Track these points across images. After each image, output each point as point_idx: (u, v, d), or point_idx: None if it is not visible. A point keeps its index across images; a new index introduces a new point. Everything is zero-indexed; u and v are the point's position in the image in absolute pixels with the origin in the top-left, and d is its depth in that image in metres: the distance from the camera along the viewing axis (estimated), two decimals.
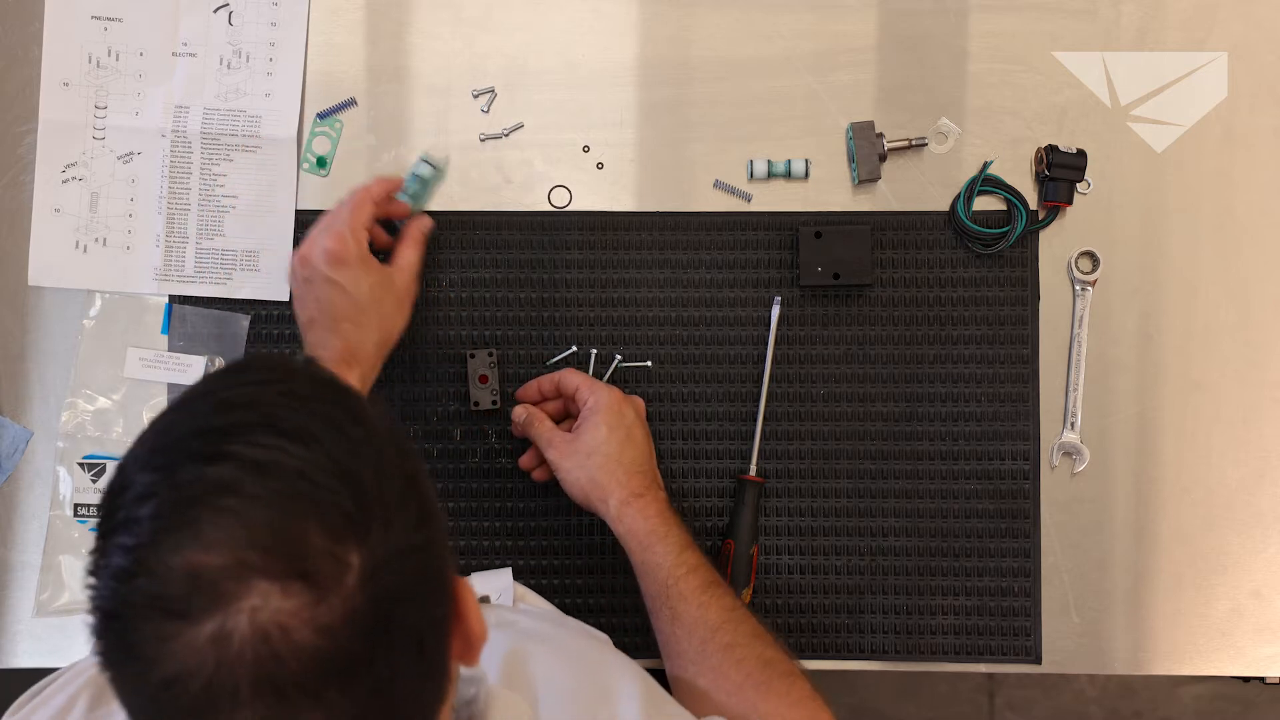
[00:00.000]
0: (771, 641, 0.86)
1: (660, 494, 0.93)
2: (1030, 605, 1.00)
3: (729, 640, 0.85)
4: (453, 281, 1.01)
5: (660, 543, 0.89)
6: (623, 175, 1.02)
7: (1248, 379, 1.00)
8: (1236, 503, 1.00)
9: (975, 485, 1.00)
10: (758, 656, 0.84)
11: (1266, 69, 1.01)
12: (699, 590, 0.87)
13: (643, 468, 0.93)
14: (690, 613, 0.87)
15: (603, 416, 0.94)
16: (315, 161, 1.01)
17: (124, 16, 1.02)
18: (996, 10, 1.02)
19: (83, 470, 1.01)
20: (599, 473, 0.93)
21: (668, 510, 0.92)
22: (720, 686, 0.84)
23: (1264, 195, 1.01)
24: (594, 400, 0.95)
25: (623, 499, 0.91)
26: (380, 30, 1.03)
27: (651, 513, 0.91)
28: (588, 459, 0.93)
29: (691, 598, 0.87)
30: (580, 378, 0.97)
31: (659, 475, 0.96)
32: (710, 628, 0.86)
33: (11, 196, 1.02)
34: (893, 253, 1.01)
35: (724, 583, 0.89)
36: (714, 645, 0.85)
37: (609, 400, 0.94)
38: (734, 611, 0.87)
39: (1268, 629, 1.00)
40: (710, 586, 0.88)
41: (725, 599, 0.88)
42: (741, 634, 0.85)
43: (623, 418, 0.94)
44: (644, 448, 0.95)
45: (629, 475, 0.92)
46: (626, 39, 1.02)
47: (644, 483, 0.93)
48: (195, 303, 1.01)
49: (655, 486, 0.93)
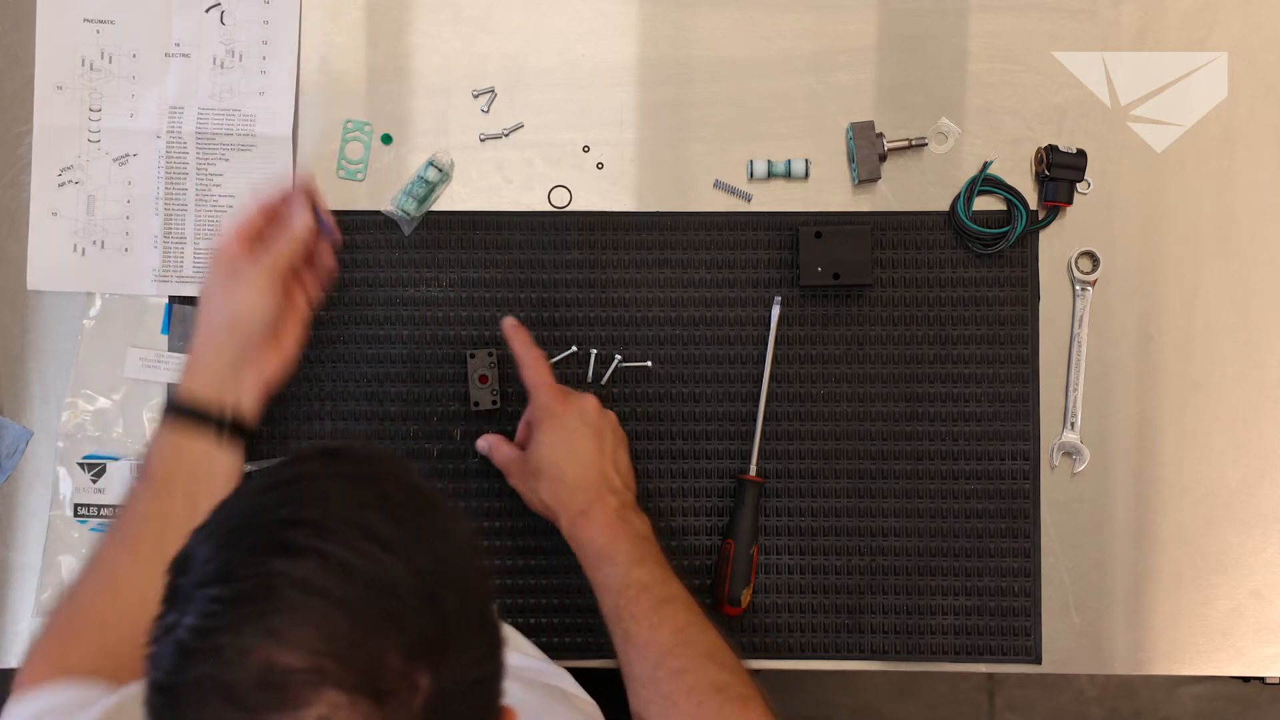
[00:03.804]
0: (728, 662, 0.82)
1: (608, 505, 0.88)
2: (1030, 605, 1.00)
3: (681, 665, 0.81)
4: (453, 281, 1.01)
5: (607, 562, 0.86)
6: (623, 175, 1.02)
7: (1248, 379, 1.00)
8: (1236, 503, 1.00)
9: (975, 485, 1.00)
10: (710, 683, 0.80)
11: (1266, 69, 1.01)
12: (650, 610, 0.83)
13: (588, 481, 0.89)
14: (642, 634, 0.83)
15: (542, 431, 0.91)
16: (350, 167, 1.01)
17: (116, 18, 1.02)
18: (996, 10, 1.02)
19: (83, 470, 1.00)
20: (545, 494, 0.90)
21: (616, 524, 0.87)
22: (672, 716, 0.80)
23: (1264, 195, 1.01)
24: (536, 410, 0.92)
25: (569, 518, 0.89)
26: (380, 30, 1.02)
27: (598, 531, 0.87)
28: (536, 481, 0.91)
29: (643, 618, 0.83)
30: (534, 376, 0.93)
31: (616, 479, 0.91)
32: (662, 650, 0.82)
33: (11, 196, 1.02)
34: (893, 253, 1.01)
35: (679, 598, 0.85)
36: (665, 670, 0.81)
37: (548, 409, 0.91)
38: (686, 631, 0.82)
39: (1268, 629, 1.00)
40: (662, 605, 0.84)
41: (678, 617, 0.83)
42: (694, 657, 0.81)
43: (562, 427, 0.90)
44: (589, 456, 0.90)
45: (573, 493, 0.89)
46: (626, 39, 1.02)
47: (589, 498, 0.88)
48: (195, 303, 1.01)
49: (602, 498, 0.89)
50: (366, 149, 1.02)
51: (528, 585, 1.00)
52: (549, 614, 1.00)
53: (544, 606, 1.00)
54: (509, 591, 1.00)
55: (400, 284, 1.01)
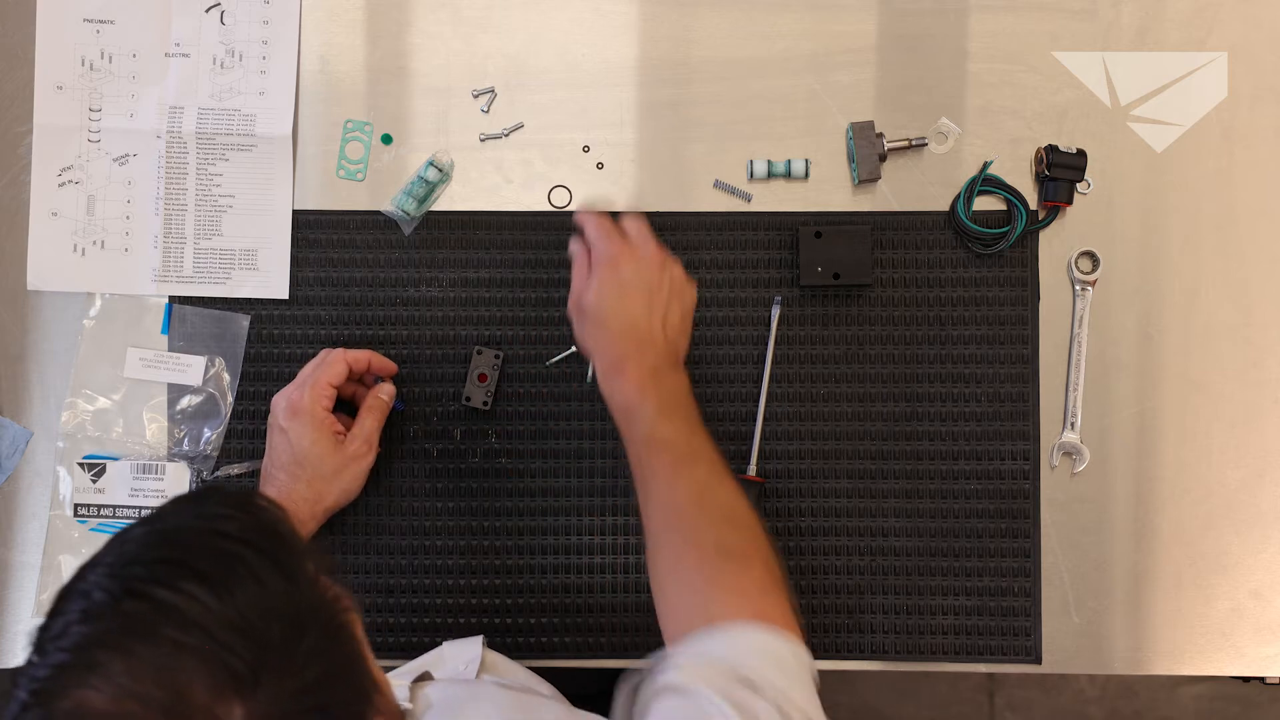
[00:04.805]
0: (741, 522, 0.81)
1: (644, 361, 0.87)
2: (1030, 605, 1.00)
3: (690, 524, 0.80)
4: (453, 281, 1.01)
5: (634, 418, 0.85)
6: (623, 175, 1.02)
7: (1248, 379, 1.00)
8: (1236, 503, 1.00)
9: (975, 485, 1.00)
10: (715, 543, 0.79)
11: (1266, 69, 1.01)
12: (669, 468, 0.83)
13: (630, 334, 0.88)
14: (660, 491, 0.82)
15: (598, 276, 0.89)
16: (350, 167, 1.01)
17: (116, 19, 1.02)
18: (996, 10, 1.02)
19: (83, 470, 1.00)
20: (587, 338, 0.90)
21: (648, 380, 0.86)
22: (675, 576, 0.79)
23: (1264, 195, 1.01)
24: (596, 253, 0.90)
25: (603, 369, 0.88)
26: (380, 30, 1.02)
27: (629, 386, 0.86)
28: (581, 321, 0.90)
29: (662, 475, 0.83)
30: (594, 222, 0.91)
31: (659, 336, 0.89)
32: (676, 508, 0.81)
33: (12, 196, 1.02)
34: (893, 253, 1.01)
35: (702, 456, 0.84)
36: (675, 528, 0.81)
37: (608, 253, 0.90)
38: (702, 491, 0.82)
39: (1268, 629, 1.00)
40: (683, 463, 0.83)
41: (697, 475, 0.82)
42: (705, 517, 0.81)
43: (616, 276, 0.89)
44: (636, 310, 0.88)
45: (611, 343, 0.88)
46: (626, 39, 1.02)
47: (625, 350, 0.87)
48: (195, 303, 1.01)
49: (641, 352, 0.87)
50: (366, 149, 1.02)
51: (528, 585, 1.00)
52: (549, 614, 1.00)
53: (544, 606, 1.00)
54: (509, 591, 1.00)
55: (400, 284, 1.01)
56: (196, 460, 1.00)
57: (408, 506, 1.01)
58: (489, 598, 1.00)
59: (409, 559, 1.01)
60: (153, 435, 1.01)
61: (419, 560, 1.01)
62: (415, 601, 1.00)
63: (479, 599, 1.00)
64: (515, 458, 1.00)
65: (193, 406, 1.01)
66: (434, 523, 1.01)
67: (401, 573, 1.01)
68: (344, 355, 0.94)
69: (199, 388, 1.01)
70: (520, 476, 1.00)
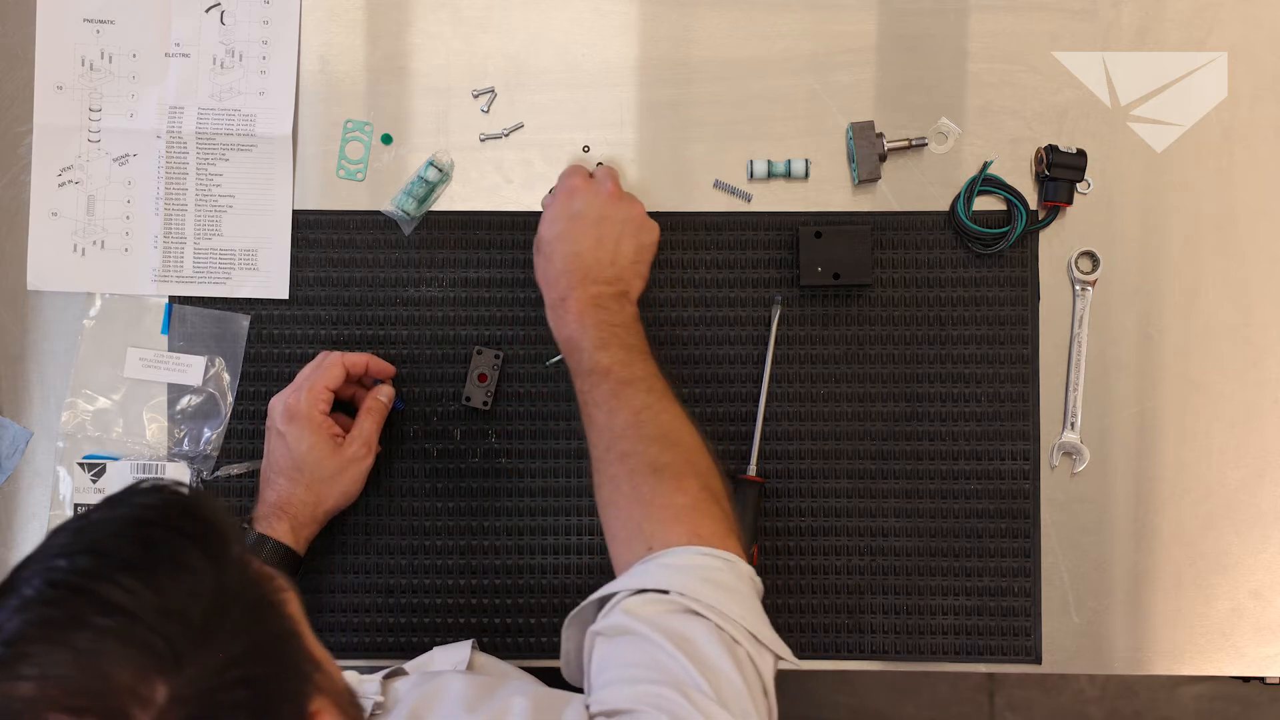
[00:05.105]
0: (679, 441, 0.82)
1: (585, 293, 0.88)
2: (1030, 605, 1.00)
3: (627, 448, 0.81)
4: (453, 281, 1.01)
5: (575, 349, 0.87)
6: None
7: (1248, 379, 1.00)
8: (1236, 503, 1.00)
9: (975, 485, 1.00)
10: (650, 463, 0.80)
11: (1266, 69, 1.01)
12: (609, 395, 0.84)
13: (574, 266, 0.89)
14: (600, 418, 0.84)
15: (552, 206, 0.93)
16: (350, 167, 1.01)
17: (116, 18, 1.02)
18: (996, 10, 1.02)
19: (83, 470, 1.00)
20: (538, 271, 0.92)
21: (588, 310, 0.87)
22: (614, 500, 0.80)
23: (1264, 195, 1.01)
24: (556, 189, 0.93)
25: (550, 303, 0.90)
26: (380, 30, 1.02)
27: (570, 317, 0.88)
28: (537, 253, 0.93)
29: (602, 403, 0.84)
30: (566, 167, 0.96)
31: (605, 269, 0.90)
32: (614, 434, 0.82)
33: (12, 196, 1.02)
34: (893, 253, 1.01)
35: (641, 380, 0.85)
36: (614, 453, 0.82)
37: (566, 184, 0.93)
38: (640, 414, 0.83)
39: (1268, 629, 1.00)
40: (622, 388, 0.84)
41: (635, 400, 0.83)
42: (642, 439, 0.81)
43: (568, 208, 0.92)
44: (584, 243, 0.90)
45: (558, 276, 0.89)
46: (626, 39, 1.02)
47: (570, 283, 0.89)
48: (195, 303, 1.01)
49: (584, 285, 0.88)
50: (366, 149, 1.02)
51: (527, 585, 1.00)
52: (549, 614, 1.00)
53: (544, 606, 1.00)
54: (508, 591, 1.00)
55: (400, 284, 1.01)
56: (196, 460, 1.00)
57: (407, 506, 1.01)
58: (489, 597, 1.00)
59: (408, 559, 1.01)
60: (153, 435, 1.01)
61: (418, 560, 1.01)
62: (415, 601, 1.00)
63: (479, 599, 1.00)
64: (515, 458, 1.01)
65: (193, 406, 1.01)
66: (433, 523, 1.01)
67: (401, 573, 1.01)
68: (341, 359, 0.94)
69: (199, 388, 1.01)
70: (520, 476, 1.00)
